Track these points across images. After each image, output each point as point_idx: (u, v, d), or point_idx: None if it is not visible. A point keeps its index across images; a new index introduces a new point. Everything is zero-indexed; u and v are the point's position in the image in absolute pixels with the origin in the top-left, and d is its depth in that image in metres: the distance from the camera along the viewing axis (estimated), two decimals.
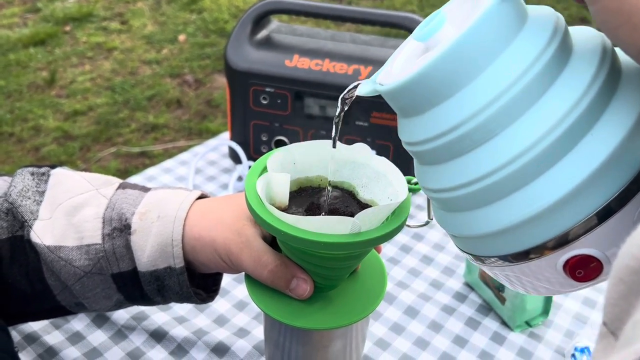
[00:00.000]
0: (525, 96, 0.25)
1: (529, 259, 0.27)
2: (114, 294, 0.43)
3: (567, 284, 0.28)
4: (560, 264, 0.27)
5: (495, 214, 0.27)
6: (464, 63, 0.26)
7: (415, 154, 0.30)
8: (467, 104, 0.26)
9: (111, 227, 0.42)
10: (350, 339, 0.42)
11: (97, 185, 0.45)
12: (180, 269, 0.42)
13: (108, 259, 0.42)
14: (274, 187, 0.37)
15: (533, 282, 0.29)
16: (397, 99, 0.29)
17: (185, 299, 0.44)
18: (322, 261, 0.37)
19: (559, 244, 0.26)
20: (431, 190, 0.29)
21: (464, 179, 0.27)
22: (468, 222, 0.28)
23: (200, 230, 0.41)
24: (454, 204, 0.28)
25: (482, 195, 0.27)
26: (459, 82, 0.26)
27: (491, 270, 0.30)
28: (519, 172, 0.25)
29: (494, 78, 0.25)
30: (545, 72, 0.25)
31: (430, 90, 0.26)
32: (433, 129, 0.27)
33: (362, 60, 0.73)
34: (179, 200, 0.43)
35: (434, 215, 0.32)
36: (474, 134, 0.26)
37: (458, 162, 0.27)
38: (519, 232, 0.26)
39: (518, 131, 0.25)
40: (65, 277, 0.42)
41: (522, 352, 0.58)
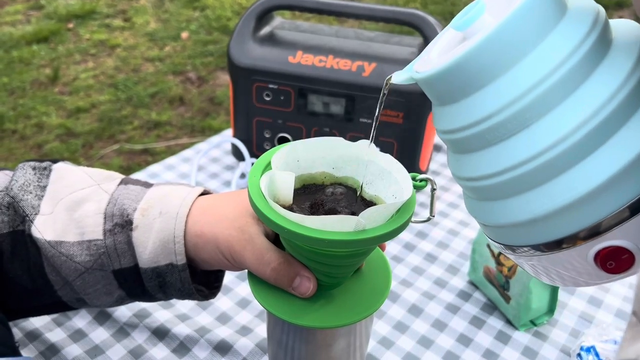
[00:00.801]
0: (562, 86, 0.25)
1: (561, 249, 0.27)
2: (115, 290, 0.43)
3: (596, 275, 0.28)
4: (592, 254, 0.27)
5: (529, 202, 0.27)
6: (501, 52, 0.26)
7: (450, 142, 0.30)
8: (504, 92, 0.26)
9: (112, 223, 0.41)
10: (354, 337, 0.42)
11: (98, 180, 0.44)
12: (182, 265, 0.41)
13: (109, 255, 0.41)
14: (278, 185, 0.36)
15: (560, 271, 0.29)
16: (434, 87, 0.29)
17: (187, 295, 0.44)
18: (326, 259, 0.36)
19: (591, 234, 0.26)
20: (465, 179, 0.30)
21: (498, 167, 0.27)
22: (501, 210, 0.28)
23: (202, 227, 0.41)
24: (487, 192, 0.29)
25: (516, 183, 0.27)
26: (496, 70, 0.26)
27: (518, 259, 0.30)
28: (552, 162, 0.26)
29: (531, 67, 0.26)
30: (583, 63, 0.25)
31: (467, 78, 0.27)
32: (469, 117, 0.27)
33: (366, 57, 0.73)
34: (181, 197, 0.43)
35: (465, 205, 0.32)
36: (510, 123, 0.26)
37: (493, 150, 0.27)
38: (552, 221, 0.27)
39: (553, 121, 0.25)
40: (66, 273, 0.42)
41: (527, 351, 0.57)
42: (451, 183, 0.83)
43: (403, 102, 0.71)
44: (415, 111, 0.72)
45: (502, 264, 0.60)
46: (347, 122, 0.74)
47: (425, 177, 0.38)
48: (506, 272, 0.59)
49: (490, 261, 0.61)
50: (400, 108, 0.71)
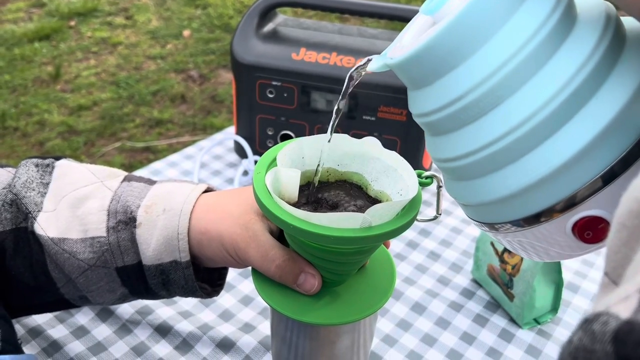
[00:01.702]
0: (530, 63, 0.26)
1: (540, 222, 0.28)
2: (118, 287, 0.43)
3: (577, 246, 0.28)
4: (569, 226, 0.27)
5: (505, 178, 0.27)
6: (469, 32, 0.26)
7: (426, 125, 0.30)
8: (474, 71, 0.27)
9: (116, 220, 0.41)
10: (358, 335, 0.42)
11: (102, 177, 0.44)
12: (186, 262, 0.41)
13: (112, 252, 0.41)
14: (283, 181, 0.36)
15: (545, 247, 0.30)
16: (407, 71, 0.29)
17: (191, 293, 0.44)
18: (331, 256, 0.36)
19: (567, 206, 0.27)
20: (442, 160, 0.30)
21: (474, 146, 0.28)
22: (479, 189, 0.29)
23: (206, 224, 0.41)
24: (464, 172, 0.29)
25: (492, 161, 0.27)
26: (466, 51, 0.27)
27: (504, 238, 0.31)
28: (525, 137, 0.26)
29: (499, 46, 0.26)
30: (549, 39, 0.26)
31: (438, 61, 0.27)
32: (442, 98, 0.28)
33: (369, 54, 0.72)
34: (185, 194, 0.42)
35: (445, 187, 0.33)
36: (482, 101, 0.27)
37: (467, 129, 0.28)
38: (529, 195, 0.27)
39: (524, 97, 0.26)
40: (69, 270, 0.41)
41: (530, 349, 0.57)
42: None
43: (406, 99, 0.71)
44: None
45: (506, 262, 0.59)
46: (350, 120, 0.74)
47: (431, 174, 0.38)
48: (510, 270, 0.59)
49: (494, 259, 0.61)
50: (403, 105, 0.71)
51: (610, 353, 0.15)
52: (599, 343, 0.16)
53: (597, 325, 0.16)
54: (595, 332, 0.16)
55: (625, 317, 0.16)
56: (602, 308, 0.17)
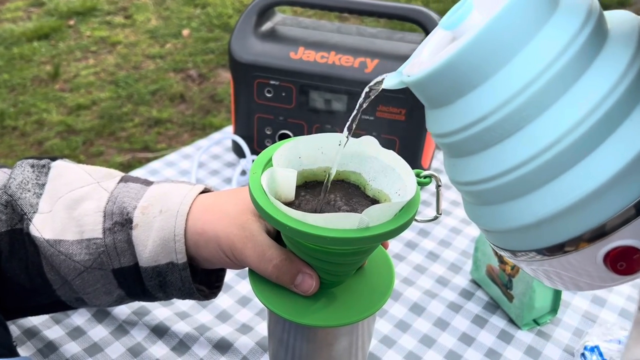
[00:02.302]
0: (558, 82, 0.24)
1: (565, 252, 0.26)
2: (114, 289, 0.42)
3: (609, 277, 0.27)
4: (600, 256, 0.26)
5: (530, 205, 0.26)
6: (492, 50, 0.25)
7: (445, 145, 0.29)
8: (498, 91, 0.25)
9: (112, 221, 0.41)
10: (357, 336, 0.41)
11: (98, 178, 0.44)
12: (183, 264, 0.41)
13: (109, 253, 0.41)
14: (279, 182, 0.36)
15: (573, 277, 0.28)
16: (425, 90, 0.28)
17: (188, 295, 0.43)
18: (328, 257, 0.35)
19: (596, 236, 0.25)
20: (462, 184, 0.28)
21: (497, 170, 0.26)
22: (502, 215, 0.27)
23: (203, 224, 0.40)
24: (486, 196, 0.28)
25: (516, 186, 0.26)
26: (488, 69, 0.25)
27: (529, 266, 0.29)
28: (552, 162, 0.24)
29: (525, 64, 0.24)
30: (579, 57, 0.24)
31: (459, 79, 0.26)
32: (463, 119, 0.26)
33: (368, 53, 0.72)
34: (182, 194, 0.42)
35: (465, 211, 0.31)
36: (506, 123, 0.25)
37: (490, 152, 0.26)
38: (555, 224, 0.26)
39: (551, 119, 0.24)
40: (65, 272, 0.41)
41: (530, 350, 0.56)
42: None
43: (405, 98, 0.70)
44: (418, 108, 0.71)
45: (505, 262, 0.59)
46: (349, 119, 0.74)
47: (430, 173, 0.38)
48: (509, 271, 0.59)
49: (493, 260, 0.60)
50: (402, 105, 0.71)
51: None
52: None
53: None
54: None
55: None
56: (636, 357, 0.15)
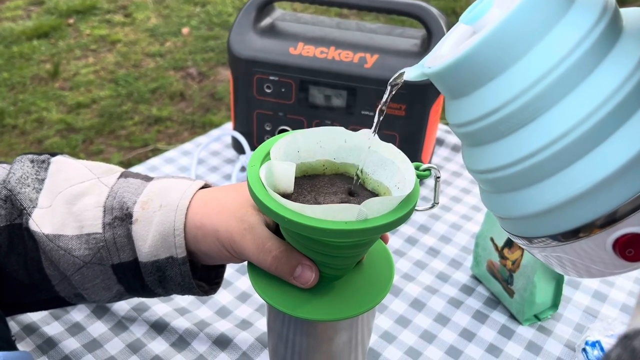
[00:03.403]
0: (573, 74, 0.25)
1: (579, 238, 0.27)
2: (114, 285, 0.42)
3: (618, 264, 0.28)
4: (610, 243, 0.27)
5: (544, 192, 0.27)
6: (510, 43, 0.26)
7: (463, 135, 0.30)
8: (515, 82, 0.26)
9: (112, 216, 0.41)
10: (356, 331, 0.41)
11: (98, 173, 0.44)
12: (182, 259, 0.41)
13: (108, 248, 0.40)
14: (277, 175, 0.36)
15: (586, 263, 0.29)
16: (445, 81, 0.29)
17: (187, 290, 0.43)
18: (327, 249, 0.35)
19: (608, 222, 0.26)
20: (479, 172, 0.30)
21: (513, 158, 0.27)
22: (517, 202, 0.28)
23: (202, 218, 0.40)
24: (502, 184, 0.29)
25: (531, 173, 0.27)
26: (506, 61, 0.26)
27: (541, 253, 0.30)
28: (566, 150, 0.26)
29: (541, 56, 0.26)
30: (593, 50, 0.25)
31: (477, 71, 0.27)
32: (481, 109, 0.27)
33: (368, 48, 0.72)
34: (181, 189, 0.42)
35: (482, 199, 0.32)
36: (521, 113, 0.26)
37: (506, 140, 0.27)
38: (568, 210, 0.27)
39: (566, 109, 0.25)
40: (64, 267, 0.41)
41: (530, 346, 0.56)
42: (454, 177, 0.82)
43: (405, 94, 0.70)
44: (418, 103, 0.71)
45: (505, 257, 0.59)
46: (349, 115, 0.73)
47: (429, 166, 0.38)
48: (510, 266, 0.58)
49: (494, 255, 0.60)
50: (402, 100, 0.71)
51: None
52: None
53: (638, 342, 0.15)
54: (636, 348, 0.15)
55: None
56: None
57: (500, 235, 0.59)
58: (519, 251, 0.58)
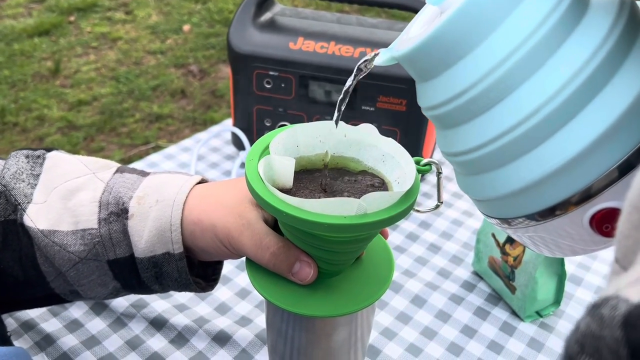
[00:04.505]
0: (541, 50, 0.25)
1: (555, 216, 0.27)
2: (110, 281, 0.42)
3: (595, 240, 0.27)
4: (587, 219, 0.27)
5: (518, 171, 0.27)
6: (476, 20, 0.25)
7: (435, 118, 0.29)
8: (483, 61, 0.26)
9: (108, 212, 0.40)
10: (355, 327, 0.41)
11: (94, 169, 0.43)
12: (179, 254, 0.40)
13: (104, 244, 0.40)
14: (276, 169, 0.35)
15: (558, 240, 0.29)
16: (414, 63, 0.29)
17: (184, 287, 0.43)
18: (326, 244, 0.35)
19: (583, 198, 0.26)
20: (453, 154, 0.29)
21: (485, 138, 0.27)
22: (492, 182, 0.28)
23: (199, 214, 0.40)
24: (476, 165, 0.28)
25: (504, 153, 0.26)
26: (473, 40, 0.26)
27: (515, 233, 0.30)
28: (538, 127, 0.25)
29: (507, 33, 0.25)
30: (560, 25, 0.25)
31: (445, 51, 0.26)
32: (451, 89, 0.27)
33: (368, 43, 0.71)
34: (178, 184, 0.41)
35: (457, 182, 0.32)
36: (492, 91, 0.26)
37: (478, 121, 0.27)
38: (543, 188, 0.26)
39: (535, 86, 0.25)
40: (60, 263, 0.40)
41: (532, 342, 0.56)
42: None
43: (406, 89, 0.70)
44: None
45: (507, 253, 0.58)
46: (349, 110, 0.73)
47: (430, 160, 0.37)
48: (511, 262, 0.58)
49: (495, 251, 0.60)
50: (403, 95, 0.70)
51: (620, 338, 0.14)
52: (608, 328, 0.15)
53: (606, 309, 0.15)
54: (604, 316, 0.15)
55: (637, 301, 0.15)
56: (611, 292, 0.16)
57: (502, 232, 0.59)
58: (521, 247, 0.57)
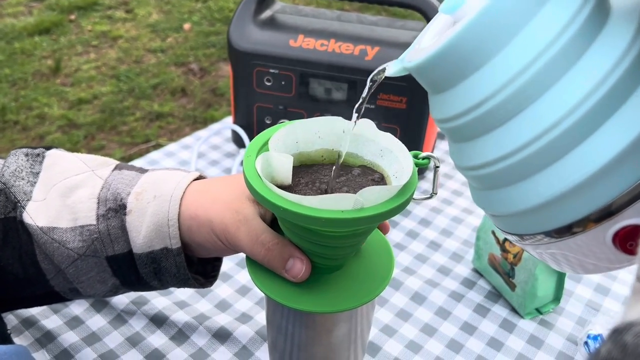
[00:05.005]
0: (560, 62, 0.24)
1: (573, 234, 0.26)
2: (109, 278, 0.42)
3: (618, 258, 0.26)
4: (609, 237, 0.25)
5: (536, 187, 0.25)
6: (493, 30, 0.24)
7: (449, 130, 0.28)
8: (500, 72, 0.25)
9: (106, 208, 0.40)
10: (355, 323, 0.41)
11: (93, 166, 0.43)
12: (177, 249, 0.40)
13: (102, 240, 0.40)
14: (275, 166, 0.35)
15: (581, 258, 0.28)
16: (427, 74, 0.28)
17: (183, 282, 0.43)
18: (324, 240, 0.35)
19: (603, 216, 0.25)
20: (468, 168, 0.28)
21: (502, 152, 0.26)
22: (508, 198, 0.27)
23: (196, 209, 0.40)
24: (492, 180, 0.27)
25: (521, 168, 0.26)
26: (489, 51, 0.25)
27: (535, 250, 0.29)
28: (556, 142, 0.24)
29: (526, 43, 0.24)
30: (580, 34, 0.24)
31: (460, 62, 0.26)
32: (466, 102, 0.26)
33: (368, 41, 0.71)
34: (176, 180, 0.42)
35: (472, 197, 0.31)
36: (508, 104, 0.25)
37: (494, 135, 0.26)
38: (561, 205, 0.25)
39: (554, 99, 0.24)
40: (59, 260, 0.40)
41: (532, 339, 0.56)
42: (455, 170, 0.82)
43: (406, 86, 0.69)
44: (419, 96, 0.70)
45: (507, 251, 0.58)
46: (350, 108, 0.73)
47: (428, 154, 0.37)
48: (511, 259, 0.58)
49: (495, 248, 0.60)
50: (403, 93, 0.70)
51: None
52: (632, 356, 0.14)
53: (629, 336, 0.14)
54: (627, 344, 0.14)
55: None
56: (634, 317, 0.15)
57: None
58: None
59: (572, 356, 0.54)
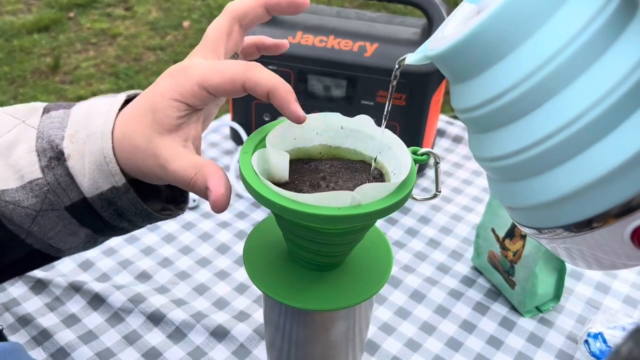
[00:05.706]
0: (585, 53, 0.24)
1: (592, 229, 0.25)
2: (78, 229, 0.40)
3: (636, 255, 0.26)
4: (628, 233, 0.25)
5: (557, 180, 0.25)
6: (517, 21, 0.24)
7: (470, 121, 0.28)
8: (524, 62, 0.24)
9: (47, 158, 0.39)
10: (354, 321, 0.41)
11: (21, 116, 0.41)
12: (124, 186, 0.39)
13: (55, 191, 0.39)
14: (272, 163, 0.35)
15: (597, 254, 0.27)
16: (449, 63, 0.27)
17: (148, 218, 0.41)
18: (321, 237, 0.34)
19: (624, 211, 0.24)
20: (488, 160, 0.28)
21: (524, 143, 0.25)
22: (528, 190, 0.27)
23: (130, 137, 0.38)
24: (511, 172, 0.27)
25: (542, 160, 0.25)
26: (513, 41, 0.25)
27: (550, 243, 0.29)
28: (579, 134, 0.24)
29: (551, 34, 0.24)
30: (606, 28, 0.24)
31: (483, 51, 0.25)
32: (489, 91, 0.26)
33: (368, 37, 0.71)
34: (104, 112, 0.39)
35: (490, 189, 0.31)
36: (533, 94, 0.24)
37: (516, 125, 0.26)
38: (581, 199, 0.25)
39: (578, 91, 0.24)
40: (19, 221, 0.39)
41: (532, 337, 0.55)
42: (455, 168, 0.81)
43: (406, 83, 0.69)
44: (419, 93, 0.70)
45: (507, 248, 0.58)
46: (348, 104, 0.73)
47: (427, 150, 0.37)
48: (511, 257, 0.57)
49: (495, 246, 0.59)
50: (403, 90, 0.70)
51: None
52: None
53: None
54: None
55: None
56: None
57: (502, 226, 0.58)
58: (521, 242, 0.57)
59: (572, 354, 0.54)
